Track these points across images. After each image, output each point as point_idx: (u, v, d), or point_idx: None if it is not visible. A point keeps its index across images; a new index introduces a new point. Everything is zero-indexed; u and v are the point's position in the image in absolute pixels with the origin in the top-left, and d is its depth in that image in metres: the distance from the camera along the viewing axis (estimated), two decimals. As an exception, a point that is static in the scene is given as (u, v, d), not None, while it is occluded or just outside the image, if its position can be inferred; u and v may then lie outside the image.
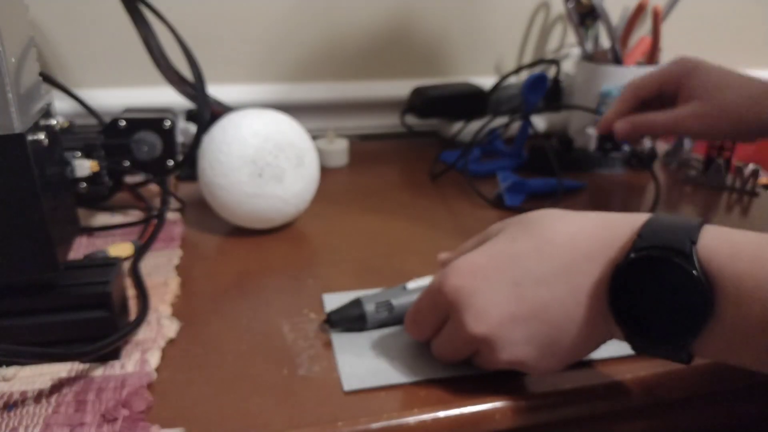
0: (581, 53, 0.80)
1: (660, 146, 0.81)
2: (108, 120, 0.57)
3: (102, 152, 0.53)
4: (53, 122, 0.39)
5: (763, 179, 0.71)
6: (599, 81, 0.76)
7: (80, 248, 0.52)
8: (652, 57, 0.78)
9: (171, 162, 0.59)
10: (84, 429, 0.32)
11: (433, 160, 0.77)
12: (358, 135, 0.88)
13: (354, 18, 0.82)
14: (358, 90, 0.85)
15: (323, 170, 0.70)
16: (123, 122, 0.56)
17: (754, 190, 0.69)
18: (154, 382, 0.36)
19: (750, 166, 0.69)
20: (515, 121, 0.75)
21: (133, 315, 0.42)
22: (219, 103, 0.69)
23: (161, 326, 0.41)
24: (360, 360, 0.38)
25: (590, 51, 0.78)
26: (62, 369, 0.37)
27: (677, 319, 0.29)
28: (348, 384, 0.36)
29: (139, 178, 0.62)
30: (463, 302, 0.33)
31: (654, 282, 0.30)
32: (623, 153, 0.76)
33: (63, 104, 0.70)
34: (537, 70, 0.87)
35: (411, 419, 0.34)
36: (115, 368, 0.37)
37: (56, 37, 0.74)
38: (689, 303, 0.29)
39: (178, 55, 0.58)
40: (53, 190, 0.37)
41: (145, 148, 0.58)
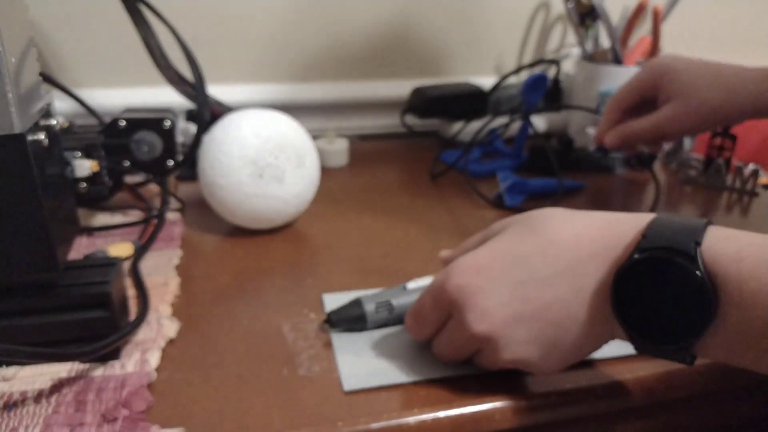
0: (581, 53, 0.80)
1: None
2: (108, 120, 0.57)
3: (102, 152, 0.53)
4: (53, 122, 0.39)
5: (763, 179, 0.71)
6: (599, 81, 0.76)
7: (80, 248, 0.52)
8: (652, 57, 0.78)
9: (171, 162, 0.59)
10: (84, 429, 0.32)
11: (433, 160, 0.77)
12: (358, 135, 0.88)
13: (354, 18, 0.82)
14: (358, 90, 0.85)
15: (323, 170, 0.70)
16: (123, 122, 0.56)
17: (754, 190, 0.69)
18: (154, 382, 0.36)
19: (750, 166, 0.69)
20: (515, 121, 0.75)
21: (133, 315, 0.42)
22: (219, 103, 0.69)
23: (161, 326, 0.41)
24: (360, 360, 0.38)
25: (590, 51, 0.78)
26: (62, 369, 0.37)
27: (680, 321, 0.29)
28: (348, 384, 0.36)
29: (139, 178, 0.62)
30: (466, 301, 0.33)
31: (657, 283, 0.30)
32: (623, 153, 0.76)
33: (63, 104, 0.70)
34: (537, 70, 0.87)
35: (411, 419, 0.34)
36: (115, 368, 0.37)
37: (56, 37, 0.74)
38: (693, 304, 0.29)
39: (178, 55, 0.58)
40: (53, 190, 0.37)
41: (145, 148, 0.58)
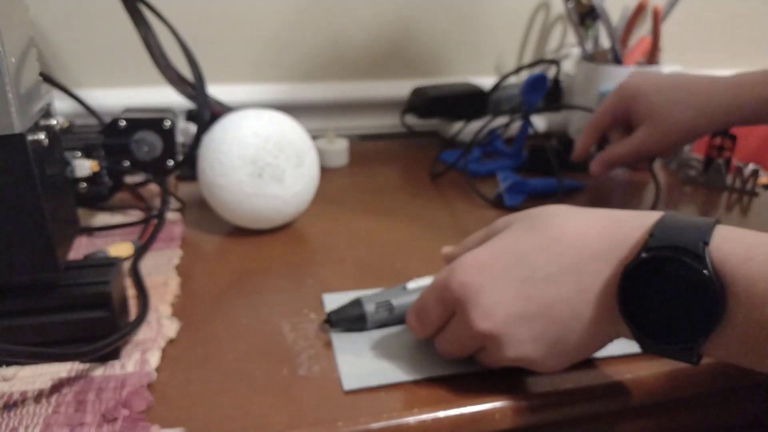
0: (581, 53, 0.80)
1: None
2: (108, 120, 0.57)
3: (102, 152, 0.53)
4: (53, 122, 0.39)
5: (763, 179, 0.71)
6: (599, 81, 0.76)
7: (80, 248, 0.52)
8: (652, 57, 0.78)
9: (171, 162, 0.59)
10: (84, 429, 0.32)
11: (433, 160, 0.77)
12: (358, 135, 0.88)
13: (354, 18, 0.82)
14: (358, 90, 0.85)
15: (323, 170, 0.70)
16: (123, 122, 0.56)
17: (754, 190, 0.69)
18: (154, 382, 0.36)
19: (750, 166, 0.69)
20: (515, 121, 0.75)
21: (133, 315, 0.42)
22: (219, 103, 0.69)
23: (161, 326, 0.41)
24: (360, 360, 0.38)
25: (590, 51, 0.78)
26: (62, 369, 0.37)
27: (687, 321, 0.29)
28: (348, 384, 0.36)
29: (139, 178, 0.62)
30: (470, 299, 0.33)
31: (665, 282, 0.29)
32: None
33: (63, 104, 0.70)
34: (537, 70, 0.87)
35: (411, 419, 0.34)
36: (115, 368, 0.37)
37: (56, 37, 0.74)
38: (700, 304, 0.28)
39: (178, 55, 0.58)
40: (53, 190, 0.37)
41: (145, 148, 0.58)
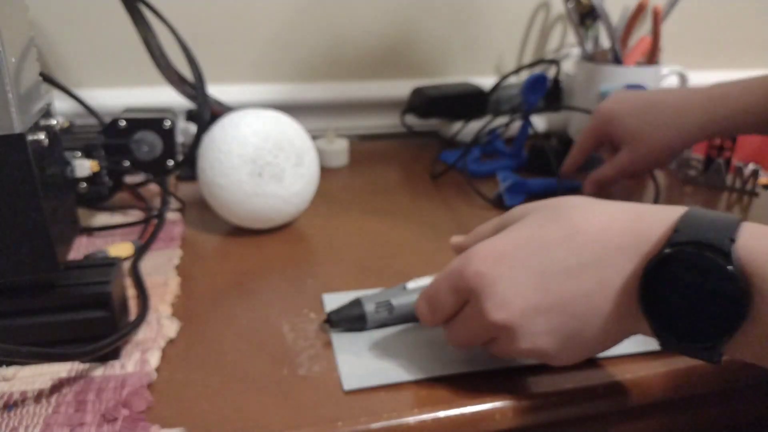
0: (581, 53, 0.80)
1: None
2: (108, 120, 0.57)
3: (102, 152, 0.53)
4: (53, 122, 0.39)
5: (763, 179, 0.71)
6: (599, 81, 0.76)
7: (80, 248, 0.52)
8: (652, 57, 0.78)
9: (171, 162, 0.59)
10: (84, 429, 0.32)
11: (433, 160, 0.77)
12: (358, 135, 0.88)
13: (354, 18, 0.82)
14: (358, 90, 0.85)
15: (323, 170, 0.70)
16: (123, 122, 0.56)
17: (754, 190, 0.69)
18: (154, 382, 0.36)
19: (750, 166, 0.69)
20: (515, 121, 0.75)
21: (133, 315, 0.42)
22: (219, 103, 0.69)
23: (161, 326, 0.41)
24: (360, 360, 0.38)
25: (590, 51, 0.78)
26: (62, 369, 0.37)
27: (711, 319, 0.28)
28: (348, 384, 0.36)
29: (139, 178, 0.62)
30: (485, 289, 0.32)
31: (688, 279, 0.28)
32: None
33: (63, 104, 0.70)
34: (537, 70, 0.87)
35: (411, 419, 0.34)
36: (115, 368, 0.37)
37: (56, 37, 0.74)
38: (725, 302, 0.27)
39: (178, 55, 0.58)
40: (53, 190, 0.37)
41: (145, 148, 0.58)
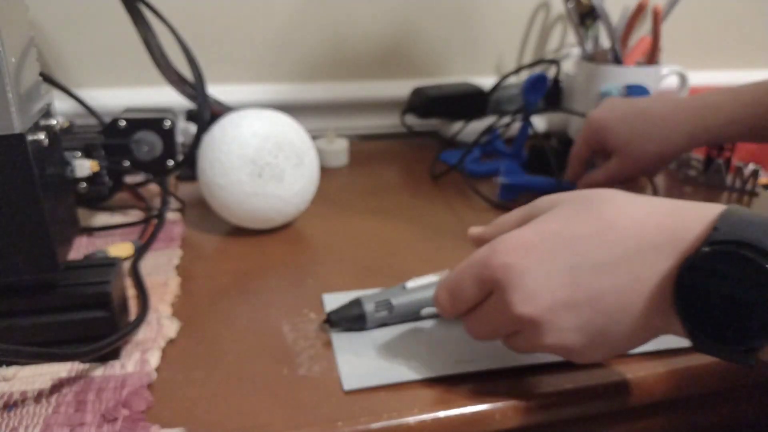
0: (581, 53, 0.80)
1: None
2: (108, 120, 0.57)
3: (102, 152, 0.53)
4: (53, 122, 0.39)
5: (763, 179, 0.71)
6: (599, 81, 0.76)
7: (80, 248, 0.52)
8: (652, 57, 0.78)
9: (171, 162, 0.59)
10: (84, 429, 0.32)
11: (433, 160, 0.77)
12: (358, 135, 0.88)
13: (354, 18, 0.82)
14: (358, 90, 0.85)
15: (323, 170, 0.70)
16: (123, 122, 0.56)
17: (754, 190, 0.69)
18: (154, 382, 0.36)
19: (750, 166, 0.69)
20: (516, 122, 0.75)
21: (133, 315, 0.42)
22: (219, 103, 0.69)
23: (161, 326, 0.41)
24: (360, 360, 0.38)
25: (590, 51, 0.78)
26: (62, 369, 0.37)
27: (750, 321, 0.27)
28: (348, 384, 0.36)
29: (139, 178, 0.62)
30: (512, 281, 0.31)
31: (727, 279, 0.27)
32: None
33: (63, 104, 0.70)
34: (537, 70, 0.87)
35: (411, 419, 0.34)
36: (115, 368, 0.37)
37: (56, 37, 0.74)
38: (764, 304, 0.27)
39: (178, 55, 0.58)
40: (53, 190, 0.37)
41: (145, 148, 0.58)
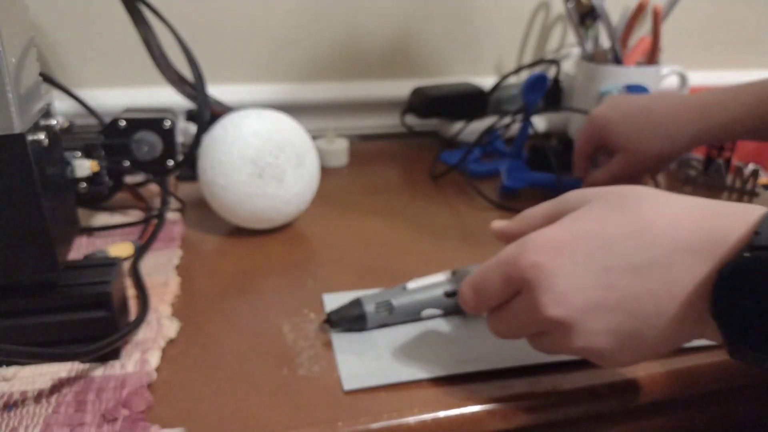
0: (581, 53, 0.80)
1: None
2: (108, 120, 0.57)
3: (102, 152, 0.53)
4: (53, 122, 0.39)
5: (763, 179, 0.71)
6: (599, 81, 0.76)
7: (80, 248, 0.52)
8: (652, 57, 0.78)
9: (171, 162, 0.59)
10: (84, 429, 0.32)
11: (433, 160, 0.77)
12: (358, 135, 0.88)
13: (354, 18, 0.82)
14: (358, 90, 0.85)
15: (323, 170, 0.70)
16: (123, 122, 0.56)
17: (754, 190, 0.69)
18: (154, 382, 0.36)
19: (750, 166, 0.69)
20: (516, 122, 0.75)
21: (133, 315, 0.42)
22: (219, 103, 0.69)
23: (161, 326, 0.41)
24: (360, 360, 0.38)
25: (590, 51, 0.78)
26: (62, 369, 0.37)
27: None
28: (348, 384, 0.36)
29: (139, 178, 0.62)
30: (543, 281, 0.30)
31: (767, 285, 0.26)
32: None
33: (63, 104, 0.70)
34: (537, 70, 0.87)
35: (411, 419, 0.34)
36: (115, 368, 0.37)
37: (56, 37, 0.74)
38: None
39: (178, 55, 0.58)
40: (53, 190, 0.37)
41: (145, 148, 0.58)
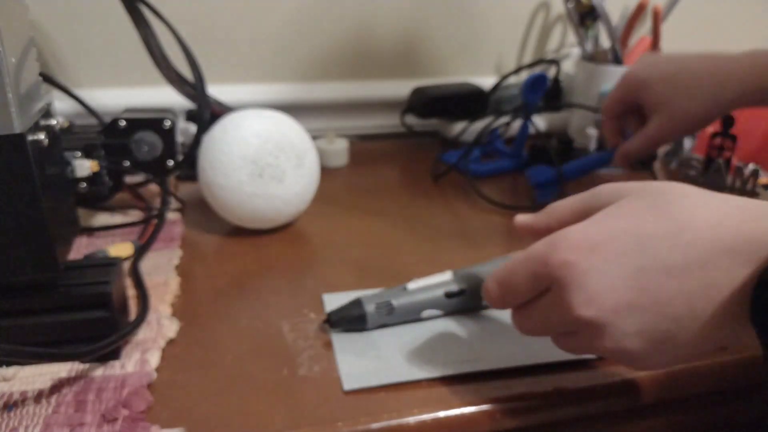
0: (581, 53, 0.80)
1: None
2: (108, 120, 0.57)
3: (102, 152, 0.53)
4: (53, 122, 0.39)
5: (763, 179, 0.71)
6: (599, 81, 0.76)
7: (80, 248, 0.52)
8: (652, 57, 0.78)
9: (171, 162, 0.59)
10: (84, 429, 0.32)
11: (434, 160, 0.77)
12: (358, 135, 0.88)
13: (354, 18, 0.82)
14: (358, 90, 0.85)
15: (323, 170, 0.69)
16: (123, 122, 0.56)
17: (754, 190, 0.69)
18: (154, 382, 0.36)
19: (750, 166, 0.69)
20: (516, 121, 0.75)
21: (133, 315, 0.42)
22: (219, 103, 0.69)
23: (161, 326, 0.41)
24: (360, 360, 0.38)
25: (590, 51, 0.78)
26: (62, 369, 0.37)
27: None
28: (348, 384, 0.36)
29: (139, 178, 0.62)
30: (574, 281, 0.29)
31: None
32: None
33: (63, 104, 0.70)
34: (537, 70, 0.87)
35: (411, 419, 0.34)
36: (115, 368, 0.37)
37: (56, 37, 0.74)
38: None
39: (178, 55, 0.58)
40: (53, 190, 0.37)
41: (145, 148, 0.58)
